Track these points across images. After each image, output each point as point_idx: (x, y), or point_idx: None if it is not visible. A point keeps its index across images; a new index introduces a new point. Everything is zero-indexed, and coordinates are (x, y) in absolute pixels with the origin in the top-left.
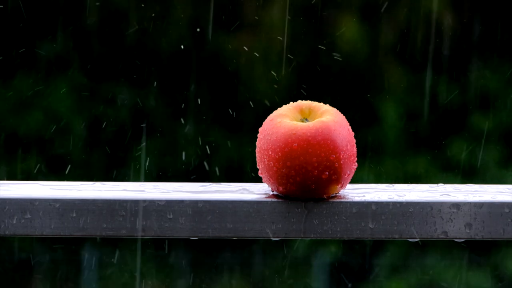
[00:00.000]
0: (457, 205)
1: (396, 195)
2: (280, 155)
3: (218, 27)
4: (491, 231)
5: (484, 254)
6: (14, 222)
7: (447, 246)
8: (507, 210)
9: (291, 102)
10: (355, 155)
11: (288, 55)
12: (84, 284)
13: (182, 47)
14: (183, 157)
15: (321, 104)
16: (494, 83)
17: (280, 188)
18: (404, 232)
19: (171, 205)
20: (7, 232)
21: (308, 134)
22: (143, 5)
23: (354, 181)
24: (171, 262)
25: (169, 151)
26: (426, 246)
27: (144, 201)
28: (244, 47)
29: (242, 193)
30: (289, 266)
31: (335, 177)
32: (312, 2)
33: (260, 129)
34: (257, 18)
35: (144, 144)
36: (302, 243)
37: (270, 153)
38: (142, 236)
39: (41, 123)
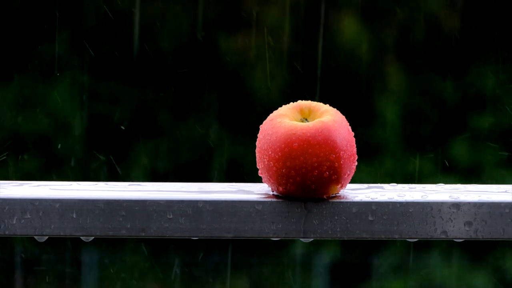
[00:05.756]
0: (457, 205)
1: (396, 195)
2: (280, 155)
3: (218, 26)
4: (491, 231)
5: (484, 254)
6: (14, 222)
7: (447, 246)
8: (507, 210)
9: (291, 102)
10: (355, 155)
11: (288, 55)
12: (84, 284)
13: (182, 46)
14: (184, 157)
15: (321, 104)
16: (494, 83)
17: (280, 188)
18: (404, 232)
19: (171, 205)
20: (7, 232)
21: (308, 134)
22: (143, 5)
23: (354, 181)
24: (171, 262)
25: (169, 151)
26: (426, 246)
27: (144, 201)
28: (244, 47)
29: (242, 193)
30: (289, 266)
31: (335, 177)
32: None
33: (260, 129)
34: (257, 18)
35: (144, 144)
36: (302, 243)
37: (270, 153)
38: (142, 236)
39: (41, 123)
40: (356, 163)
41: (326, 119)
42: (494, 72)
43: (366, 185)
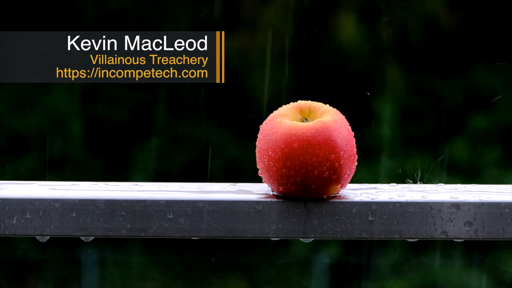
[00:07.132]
0: (457, 205)
1: (396, 195)
2: (280, 155)
3: (218, 27)
4: (491, 231)
5: (483, 254)
6: (14, 222)
7: (447, 246)
8: (507, 210)
9: (291, 102)
10: (355, 155)
11: (288, 55)
12: (84, 284)
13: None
14: (183, 157)
15: (321, 104)
16: (494, 83)
17: (280, 188)
18: (404, 232)
19: (171, 205)
20: (7, 232)
21: (308, 134)
22: (142, 5)
23: (354, 181)
24: (171, 262)
25: (169, 151)
26: (426, 246)
27: (144, 201)
28: (244, 47)
29: (242, 193)
30: (289, 266)
31: (335, 177)
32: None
33: (260, 129)
34: (256, 18)
35: (144, 144)
36: (302, 243)
37: (270, 153)
38: (142, 236)
39: (41, 123)
40: (356, 163)
41: (326, 119)
42: (494, 71)
43: (366, 185)
